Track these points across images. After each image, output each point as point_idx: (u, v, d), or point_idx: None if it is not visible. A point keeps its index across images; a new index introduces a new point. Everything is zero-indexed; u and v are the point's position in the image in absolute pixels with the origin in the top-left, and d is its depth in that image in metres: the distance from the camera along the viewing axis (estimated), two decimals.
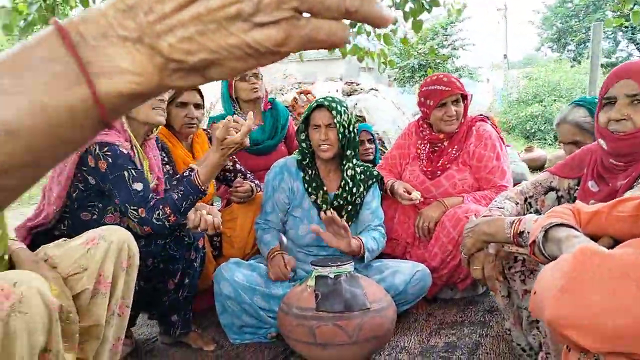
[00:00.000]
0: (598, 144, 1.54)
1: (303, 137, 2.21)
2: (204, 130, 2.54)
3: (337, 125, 2.11)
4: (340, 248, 2.02)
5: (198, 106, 2.33)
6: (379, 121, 9.16)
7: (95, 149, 1.69)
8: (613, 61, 21.36)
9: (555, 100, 11.85)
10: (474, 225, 1.58)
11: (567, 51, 24.58)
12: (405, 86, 20.73)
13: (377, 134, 3.20)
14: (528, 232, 1.36)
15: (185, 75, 0.36)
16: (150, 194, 1.74)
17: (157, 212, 1.70)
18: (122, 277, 1.51)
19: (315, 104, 2.17)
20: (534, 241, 1.18)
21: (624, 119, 1.41)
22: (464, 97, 2.42)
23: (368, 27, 5.10)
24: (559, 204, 1.64)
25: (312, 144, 2.18)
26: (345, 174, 2.21)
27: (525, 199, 1.77)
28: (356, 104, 9.34)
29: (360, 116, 9.43)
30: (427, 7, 4.09)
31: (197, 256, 2.03)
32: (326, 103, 2.14)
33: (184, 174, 1.83)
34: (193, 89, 2.29)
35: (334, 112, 2.11)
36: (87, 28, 0.35)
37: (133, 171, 1.71)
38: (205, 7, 0.34)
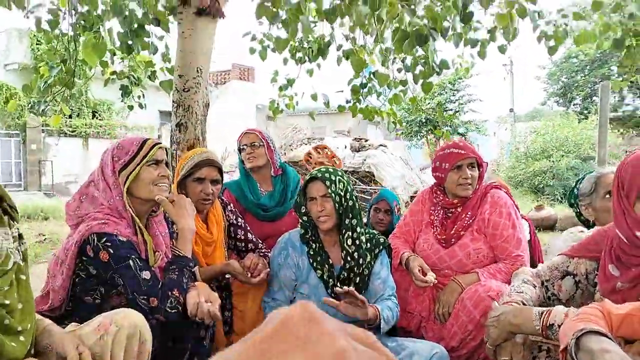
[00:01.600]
0: (614, 227, 1.51)
1: (303, 211, 2.20)
2: (219, 198, 2.53)
3: (333, 195, 2.11)
4: (357, 316, 1.97)
5: (215, 182, 2.33)
6: (388, 177, 9.22)
7: (94, 240, 1.68)
8: (619, 115, 21.53)
9: (563, 155, 11.87)
10: (498, 314, 1.54)
11: (574, 105, 24.84)
12: (412, 140, 20.95)
13: (397, 204, 3.13)
14: (558, 325, 1.33)
15: None
16: (160, 282, 1.72)
17: (169, 299, 1.67)
18: None
19: (309, 176, 2.17)
20: (565, 348, 1.14)
21: None
22: (479, 164, 2.41)
23: (378, 88, 5.20)
24: (577, 289, 1.60)
25: (313, 217, 2.16)
26: (345, 244, 2.16)
27: (542, 282, 1.73)
28: (365, 160, 9.44)
29: (368, 172, 9.51)
30: (437, 70, 4.17)
31: (206, 334, 1.96)
32: (319, 175, 2.14)
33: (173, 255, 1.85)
34: (212, 164, 2.31)
35: (327, 183, 2.11)
36: None
37: (138, 260, 1.70)
38: None
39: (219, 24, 4.00)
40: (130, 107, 5.42)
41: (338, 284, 2.00)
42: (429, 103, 18.22)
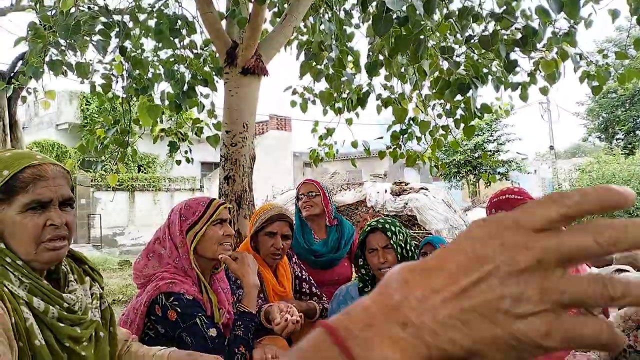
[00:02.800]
0: None
1: (361, 263, 2.19)
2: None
3: (394, 245, 2.11)
4: None
5: (286, 237, 2.35)
6: (432, 220, 9.12)
7: (162, 300, 1.73)
8: None
9: None
10: None
11: (616, 140, 24.23)
12: (451, 181, 20.75)
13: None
14: None
15: None
16: (226, 339, 1.75)
17: (236, 356, 1.70)
18: None
19: (368, 227, 2.17)
20: None
21: None
22: None
23: (417, 133, 5.24)
24: None
25: (371, 268, 2.16)
26: None
27: None
28: (406, 204, 9.38)
29: (411, 216, 9.43)
30: (479, 114, 4.19)
31: None
32: (380, 225, 2.15)
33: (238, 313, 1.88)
34: (283, 219, 2.34)
35: (389, 234, 2.12)
36: (352, 322, 0.37)
37: (204, 318, 1.73)
38: (475, 300, 0.35)
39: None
40: (178, 162, 5.63)
41: None
42: (466, 144, 18.13)
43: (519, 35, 3.07)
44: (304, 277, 2.56)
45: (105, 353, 1.40)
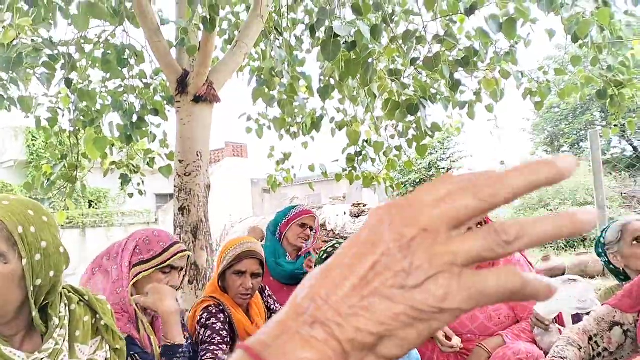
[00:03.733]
0: None
1: None
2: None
3: None
4: None
5: (256, 275, 2.24)
6: None
7: None
8: (608, 158, 21.88)
9: (560, 203, 11.95)
10: None
11: (562, 152, 25.34)
12: None
13: None
14: None
15: (361, 356, 0.35)
16: None
17: None
18: None
19: (331, 248, 2.18)
20: None
21: None
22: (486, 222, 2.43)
23: (372, 154, 5.31)
24: (626, 339, 1.58)
25: None
26: None
27: (590, 338, 1.71)
28: None
29: None
30: (430, 133, 4.29)
31: None
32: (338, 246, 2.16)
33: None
34: (253, 257, 2.22)
35: None
36: (267, 335, 0.37)
37: (137, 355, 1.66)
38: (373, 284, 0.35)
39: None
40: (131, 195, 5.47)
41: None
42: (420, 163, 18.52)
43: (462, 56, 3.19)
44: (277, 309, 2.48)
45: None
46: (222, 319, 2.13)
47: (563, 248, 10.93)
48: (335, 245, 2.28)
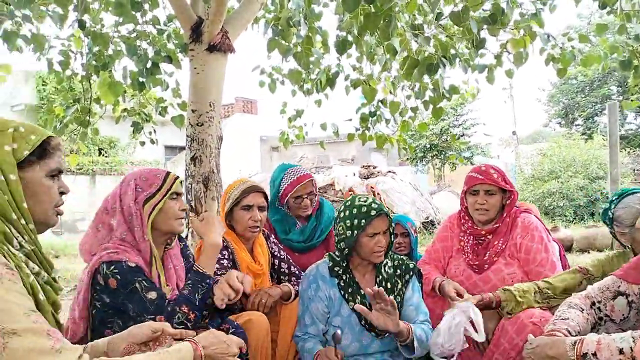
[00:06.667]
0: None
1: (351, 244, 2.09)
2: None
3: (392, 230, 2.13)
4: (389, 328, 1.94)
5: (262, 209, 2.33)
6: (399, 203, 9.20)
7: (103, 268, 1.70)
8: (622, 134, 21.58)
9: (571, 176, 11.84)
10: (534, 346, 1.58)
11: (576, 125, 24.97)
12: (417, 165, 21.00)
13: (413, 226, 3.10)
14: (592, 354, 1.40)
15: None
16: (166, 301, 1.71)
17: (177, 315, 1.67)
18: None
19: (375, 212, 2.07)
20: None
21: None
22: (507, 191, 2.39)
23: (388, 115, 5.23)
24: (630, 310, 1.58)
25: (364, 251, 2.10)
26: (383, 269, 2.16)
27: (593, 304, 1.72)
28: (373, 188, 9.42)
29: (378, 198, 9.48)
30: (447, 96, 4.20)
31: None
32: (385, 210, 2.12)
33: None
34: (258, 190, 2.34)
35: (389, 219, 2.11)
36: None
37: (144, 282, 1.70)
38: None
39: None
40: (142, 143, 5.46)
41: (377, 287, 1.99)
42: (432, 129, 18.33)
43: (489, 14, 3.07)
44: (282, 256, 2.52)
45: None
46: (226, 255, 2.26)
47: (571, 221, 10.91)
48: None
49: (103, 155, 17.61)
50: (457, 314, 2.00)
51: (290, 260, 2.54)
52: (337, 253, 2.19)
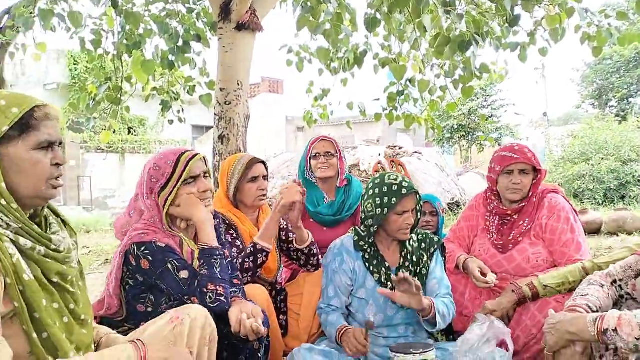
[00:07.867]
0: None
1: (380, 221, 2.09)
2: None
3: (419, 208, 2.15)
4: (412, 305, 1.97)
5: (265, 177, 2.43)
6: (425, 184, 9.12)
7: (135, 250, 1.73)
8: None
9: (603, 158, 11.53)
10: (555, 322, 1.57)
11: (609, 107, 24.22)
12: (444, 146, 20.74)
13: (441, 205, 3.08)
14: (612, 330, 1.39)
15: None
16: (198, 278, 1.72)
17: (207, 295, 1.68)
18: (205, 351, 1.57)
19: (406, 190, 2.07)
20: None
21: None
22: (536, 170, 2.36)
23: (416, 94, 5.18)
24: None
25: (392, 228, 2.11)
26: (408, 243, 2.18)
27: (614, 281, 1.70)
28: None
29: None
30: (478, 74, 4.13)
31: (260, 346, 1.91)
32: (415, 189, 2.13)
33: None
34: (259, 161, 2.42)
35: (418, 197, 2.13)
36: None
37: (176, 261, 1.72)
38: None
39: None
40: (171, 122, 5.54)
41: (403, 271, 2.00)
42: (460, 109, 18.05)
43: None
44: (288, 227, 2.50)
45: (87, 300, 1.40)
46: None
47: (601, 204, 10.67)
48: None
49: (132, 134, 17.90)
50: (487, 331, 1.97)
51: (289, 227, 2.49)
52: (362, 228, 2.21)
